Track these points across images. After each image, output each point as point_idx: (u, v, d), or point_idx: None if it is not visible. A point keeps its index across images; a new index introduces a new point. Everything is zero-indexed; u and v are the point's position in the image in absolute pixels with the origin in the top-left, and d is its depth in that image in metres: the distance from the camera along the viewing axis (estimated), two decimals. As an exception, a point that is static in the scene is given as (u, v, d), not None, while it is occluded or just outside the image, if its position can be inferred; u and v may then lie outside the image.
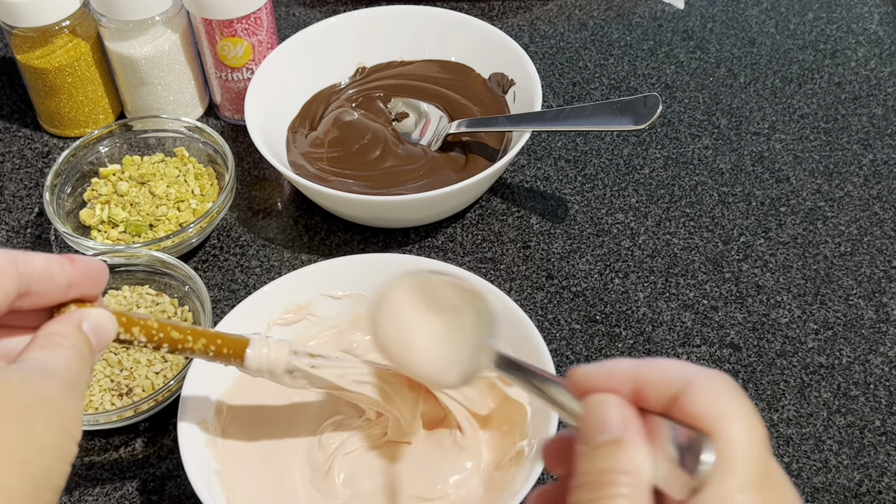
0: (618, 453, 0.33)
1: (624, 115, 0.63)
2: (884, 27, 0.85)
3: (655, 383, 0.34)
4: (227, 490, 0.52)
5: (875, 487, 0.55)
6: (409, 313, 0.48)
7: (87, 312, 0.40)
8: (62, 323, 0.39)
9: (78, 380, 0.38)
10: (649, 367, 0.34)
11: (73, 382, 0.37)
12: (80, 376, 0.38)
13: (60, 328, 0.39)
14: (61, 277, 0.40)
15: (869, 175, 0.72)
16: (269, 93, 0.72)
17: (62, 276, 0.40)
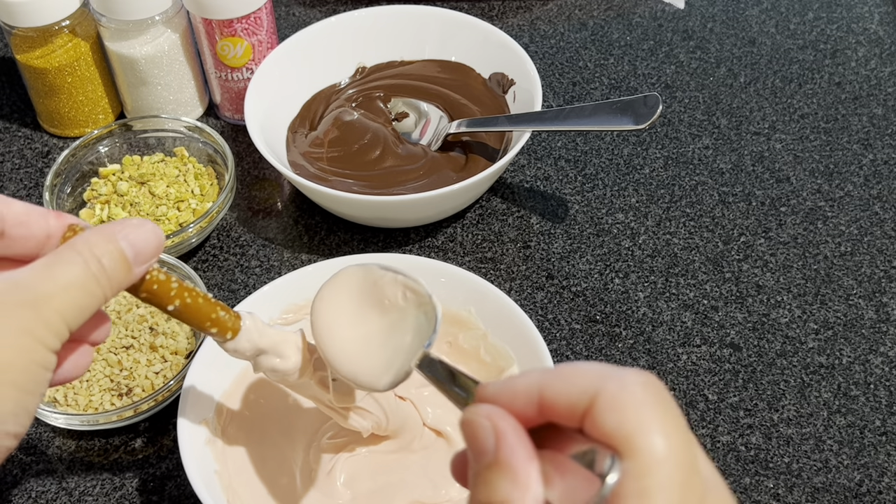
0: (499, 481, 0.30)
1: (624, 115, 0.63)
2: (884, 27, 0.85)
3: (560, 397, 0.30)
4: (227, 490, 0.52)
5: (875, 487, 0.55)
6: (347, 309, 0.45)
7: (125, 223, 0.37)
8: (94, 233, 0.36)
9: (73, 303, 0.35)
10: (555, 378, 0.31)
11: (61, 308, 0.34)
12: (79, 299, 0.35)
13: (89, 236, 0.36)
14: (39, 226, 0.37)
15: (869, 175, 0.72)
16: (269, 93, 0.72)
17: (40, 224, 0.37)
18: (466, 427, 0.31)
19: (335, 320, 0.45)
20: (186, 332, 0.61)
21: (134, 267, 0.37)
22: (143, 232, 0.37)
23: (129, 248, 0.36)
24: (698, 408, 0.59)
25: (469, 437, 0.31)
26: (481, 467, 0.30)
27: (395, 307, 0.44)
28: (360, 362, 0.45)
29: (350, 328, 0.45)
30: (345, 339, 0.45)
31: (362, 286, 0.45)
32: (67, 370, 0.38)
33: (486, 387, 0.33)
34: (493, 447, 0.30)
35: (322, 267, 0.59)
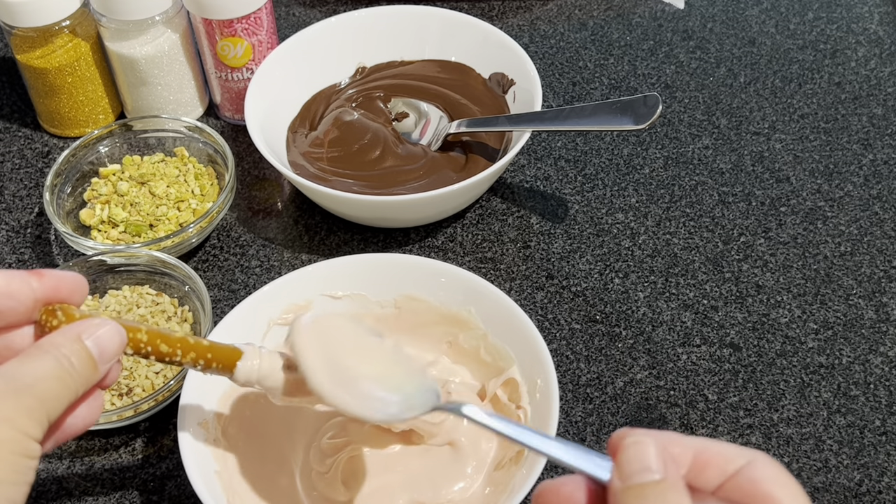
0: (666, 493, 0.33)
1: (624, 115, 0.63)
2: (884, 27, 0.85)
3: (719, 455, 0.35)
4: (228, 490, 0.52)
5: (875, 487, 0.55)
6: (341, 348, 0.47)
7: (90, 324, 0.39)
8: (59, 334, 0.38)
9: (50, 395, 0.36)
10: (709, 442, 0.36)
11: (39, 399, 0.35)
12: (55, 391, 0.36)
13: (55, 338, 0.38)
14: (24, 294, 0.39)
15: (869, 175, 0.72)
16: (269, 93, 0.72)
17: (25, 292, 0.39)
18: (635, 446, 0.35)
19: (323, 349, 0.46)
20: (186, 333, 0.61)
21: (99, 365, 0.39)
22: (106, 331, 0.39)
23: (94, 347, 0.38)
24: (698, 408, 0.59)
25: (635, 455, 0.34)
26: (646, 482, 0.34)
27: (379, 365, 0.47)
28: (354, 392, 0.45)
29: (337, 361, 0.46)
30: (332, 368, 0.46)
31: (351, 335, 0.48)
32: (82, 417, 0.39)
33: (635, 430, 0.36)
34: (662, 467, 0.34)
35: (322, 267, 0.59)
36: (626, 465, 0.34)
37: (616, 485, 0.34)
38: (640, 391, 0.60)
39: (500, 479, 0.52)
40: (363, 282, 0.59)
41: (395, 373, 0.47)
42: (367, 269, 0.59)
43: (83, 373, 0.38)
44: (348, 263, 0.60)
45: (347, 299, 0.60)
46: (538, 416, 0.53)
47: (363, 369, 0.46)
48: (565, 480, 0.36)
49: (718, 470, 0.35)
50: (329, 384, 0.44)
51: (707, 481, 0.35)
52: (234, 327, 0.56)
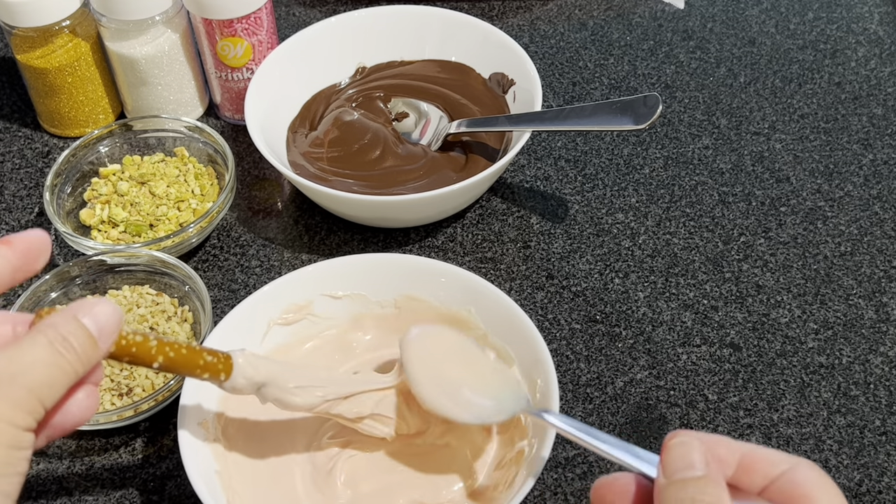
0: (706, 486, 0.36)
1: (624, 115, 0.63)
2: (884, 27, 0.85)
3: (764, 460, 0.38)
4: (228, 490, 0.52)
5: (875, 487, 0.55)
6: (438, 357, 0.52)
7: (85, 302, 0.39)
8: (54, 315, 0.38)
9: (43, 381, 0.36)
10: (756, 447, 0.39)
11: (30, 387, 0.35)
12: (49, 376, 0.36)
13: (50, 319, 0.38)
14: (1, 265, 0.39)
15: (869, 175, 0.72)
16: (269, 93, 0.72)
17: (1, 263, 0.39)
18: (680, 447, 0.38)
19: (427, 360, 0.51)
20: (186, 332, 0.61)
21: (99, 342, 0.38)
22: (103, 308, 0.38)
23: (92, 324, 0.38)
24: (698, 408, 0.59)
25: (680, 454, 0.38)
26: (688, 478, 0.37)
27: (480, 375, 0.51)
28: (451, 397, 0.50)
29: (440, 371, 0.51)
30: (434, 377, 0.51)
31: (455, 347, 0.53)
32: (73, 413, 0.39)
33: (687, 432, 0.39)
34: (704, 465, 0.37)
35: (322, 267, 0.59)
36: (671, 463, 0.37)
37: (661, 481, 0.37)
38: (640, 391, 0.60)
39: (501, 479, 0.52)
40: (363, 282, 0.59)
41: (493, 381, 0.51)
42: (367, 269, 0.59)
43: (84, 351, 0.37)
44: (348, 263, 0.60)
45: (347, 299, 0.60)
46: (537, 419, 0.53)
47: (464, 378, 0.51)
48: (619, 476, 0.40)
49: (763, 473, 0.37)
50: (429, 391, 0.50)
51: (752, 483, 0.38)
52: (234, 327, 0.56)
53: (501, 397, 0.50)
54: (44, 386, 0.36)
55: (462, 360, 0.52)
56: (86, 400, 0.39)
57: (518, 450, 0.53)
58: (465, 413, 0.50)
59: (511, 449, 0.53)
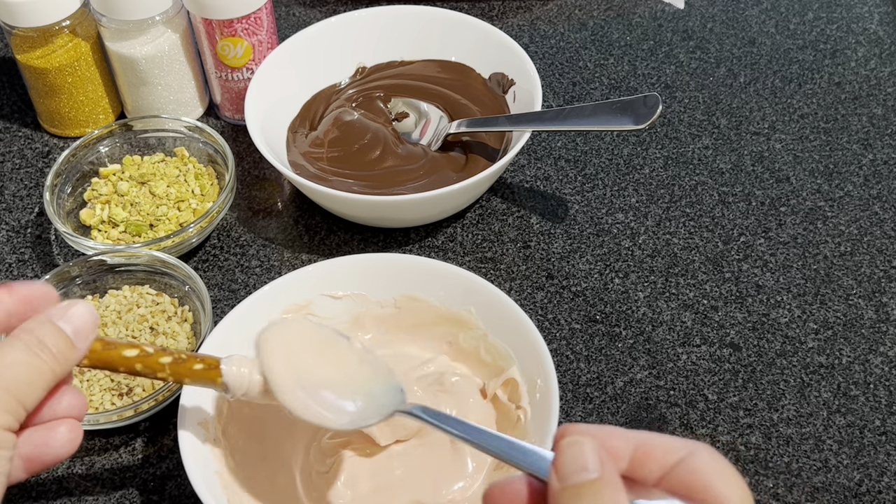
0: (602, 491, 0.34)
1: (624, 115, 0.63)
2: (884, 27, 0.85)
3: (659, 447, 0.36)
4: (228, 490, 0.52)
5: (875, 487, 0.55)
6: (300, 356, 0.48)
7: (59, 306, 0.39)
8: (32, 320, 0.39)
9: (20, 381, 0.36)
10: (652, 434, 0.36)
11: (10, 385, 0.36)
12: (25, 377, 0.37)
13: (26, 324, 0.38)
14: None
15: (869, 175, 0.72)
16: (269, 93, 0.72)
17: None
18: (572, 447, 0.35)
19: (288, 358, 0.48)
20: (186, 332, 0.61)
21: (76, 343, 0.39)
22: (78, 310, 0.40)
23: (68, 326, 0.39)
24: (698, 408, 0.59)
25: (572, 455, 0.35)
26: (583, 482, 0.34)
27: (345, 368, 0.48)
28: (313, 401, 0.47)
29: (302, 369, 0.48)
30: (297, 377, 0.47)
31: (315, 339, 0.49)
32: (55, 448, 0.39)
33: (577, 425, 0.37)
34: (598, 466, 0.34)
35: (322, 267, 0.59)
36: (563, 466, 0.35)
37: (554, 485, 0.35)
38: (640, 391, 0.60)
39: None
40: (363, 282, 0.59)
41: (361, 374, 0.48)
42: (367, 269, 0.59)
43: (60, 352, 0.38)
44: (348, 263, 0.60)
45: (347, 299, 0.60)
46: (538, 416, 0.53)
47: (325, 375, 0.48)
48: (512, 480, 0.37)
49: (659, 462, 0.35)
50: (290, 395, 0.46)
51: (649, 473, 0.36)
52: (234, 327, 0.56)
53: (374, 392, 0.48)
54: (22, 385, 0.36)
55: (326, 356, 0.49)
56: (68, 434, 0.40)
57: None
58: (325, 419, 0.47)
59: None
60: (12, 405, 0.36)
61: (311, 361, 0.48)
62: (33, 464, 0.39)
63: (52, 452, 0.39)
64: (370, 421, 0.47)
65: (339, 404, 0.47)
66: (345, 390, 0.48)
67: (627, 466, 0.36)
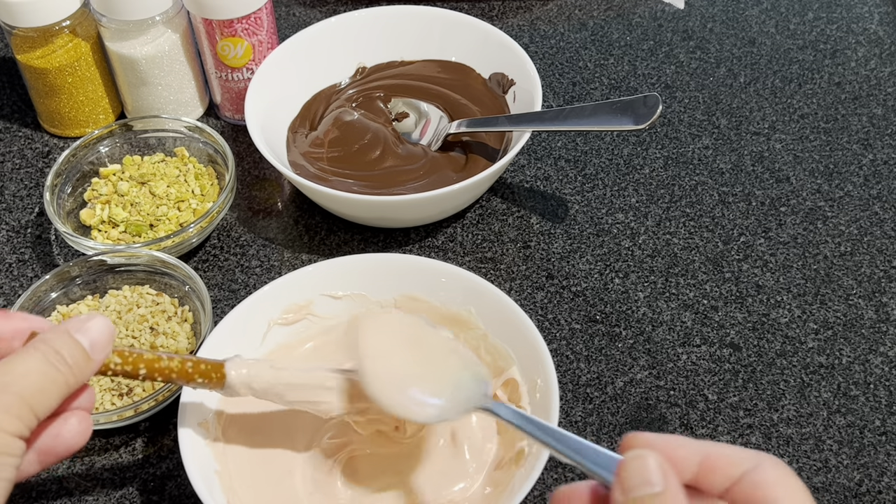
0: (665, 503, 0.34)
1: (624, 115, 0.63)
2: (884, 27, 0.85)
3: (724, 458, 0.36)
4: (228, 490, 0.52)
5: (875, 487, 0.55)
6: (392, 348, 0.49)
7: (77, 319, 0.40)
8: (50, 331, 0.39)
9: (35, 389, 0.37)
10: (718, 444, 0.37)
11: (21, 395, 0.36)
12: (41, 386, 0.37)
13: (46, 335, 0.39)
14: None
15: (869, 175, 0.72)
16: (269, 93, 0.72)
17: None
18: (636, 460, 0.36)
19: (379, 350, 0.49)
20: (187, 332, 0.61)
21: (92, 356, 0.40)
22: (95, 324, 0.40)
23: (84, 339, 0.40)
24: (698, 408, 0.59)
25: (636, 468, 0.36)
26: (646, 495, 0.35)
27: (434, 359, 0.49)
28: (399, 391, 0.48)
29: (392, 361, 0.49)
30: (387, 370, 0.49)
31: (406, 331, 0.50)
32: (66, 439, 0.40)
33: (643, 434, 0.37)
34: (661, 480, 0.35)
35: (322, 267, 0.59)
36: (627, 479, 0.35)
37: (618, 498, 0.35)
38: (640, 391, 0.60)
39: (501, 479, 0.52)
40: (363, 282, 0.59)
41: (450, 364, 0.49)
42: (367, 269, 0.59)
43: (77, 364, 0.39)
44: (348, 263, 0.60)
45: (347, 299, 0.60)
46: (538, 415, 0.53)
47: (414, 367, 0.49)
48: (580, 485, 0.38)
49: (725, 473, 0.36)
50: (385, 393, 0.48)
51: (714, 484, 0.36)
52: (234, 327, 0.56)
53: (461, 383, 0.48)
54: (36, 394, 0.37)
55: (417, 348, 0.50)
56: (78, 426, 0.40)
57: (518, 450, 0.53)
58: (422, 413, 0.48)
59: (511, 449, 0.53)
60: (24, 413, 0.36)
61: (401, 353, 0.49)
62: (47, 456, 0.40)
63: (64, 444, 0.40)
64: (452, 416, 0.48)
65: (425, 399, 0.48)
66: (433, 382, 0.49)
67: (693, 477, 0.37)
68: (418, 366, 0.49)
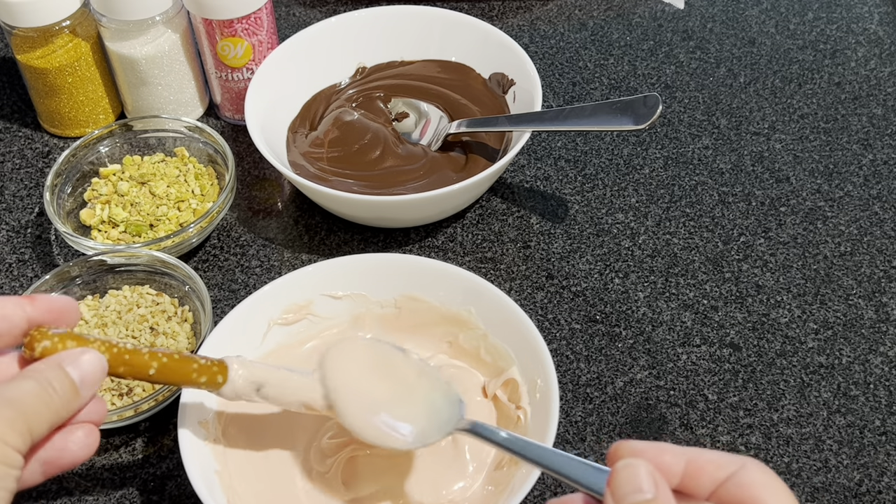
0: None
1: (624, 115, 0.63)
2: (884, 27, 0.85)
3: (711, 462, 0.37)
4: (228, 489, 0.52)
5: (875, 487, 0.55)
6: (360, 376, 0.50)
7: (71, 353, 0.41)
8: (43, 362, 0.40)
9: (32, 412, 0.38)
10: (702, 450, 0.38)
11: (21, 414, 0.37)
12: (36, 409, 0.38)
13: (38, 365, 0.40)
14: (17, 316, 0.40)
15: (869, 175, 0.72)
16: (269, 93, 0.72)
17: (18, 314, 0.40)
18: (627, 469, 0.37)
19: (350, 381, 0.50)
20: (187, 332, 0.61)
21: (81, 390, 0.40)
22: (87, 359, 0.41)
23: (74, 372, 0.40)
24: (698, 408, 0.59)
25: (626, 477, 0.37)
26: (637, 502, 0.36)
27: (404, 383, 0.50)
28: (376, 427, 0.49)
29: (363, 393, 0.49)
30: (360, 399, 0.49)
31: (374, 358, 0.51)
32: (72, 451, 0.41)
33: (630, 443, 0.38)
34: (652, 487, 0.36)
35: (322, 267, 0.59)
36: (619, 488, 0.37)
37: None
38: (640, 391, 0.60)
39: (501, 479, 0.52)
40: (363, 282, 0.59)
41: (421, 387, 0.50)
42: (367, 269, 0.59)
43: (65, 396, 0.39)
44: (348, 263, 0.60)
45: (348, 299, 0.60)
46: (538, 416, 0.53)
47: (387, 393, 0.50)
48: (571, 498, 0.39)
49: (711, 476, 0.37)
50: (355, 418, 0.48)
51: (700, 488, 0.37)
52: (234, 327, 0.56)
53: (435, 404, 0.49)
54: (33, 415, 0.38)
55: (386, 372, 0.51)
56: (85, 439, 0.41)
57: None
58: (401, 440, 0.48)
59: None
60: (24, 430, 0.37)
61: (372, 381, 0.50)
62: (51, 467, 0.40)
63: (68, 456, 0.40)
64: (432, 440, 0.49)
65: (399, 426, 0.49)
66: (407, 406, 0.49)
67: (679, 481, 0.37)
68: (389, 391, 0.50)
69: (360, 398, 0.49)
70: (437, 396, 0.50)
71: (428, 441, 0.49)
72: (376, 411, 0.49)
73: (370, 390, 0.49)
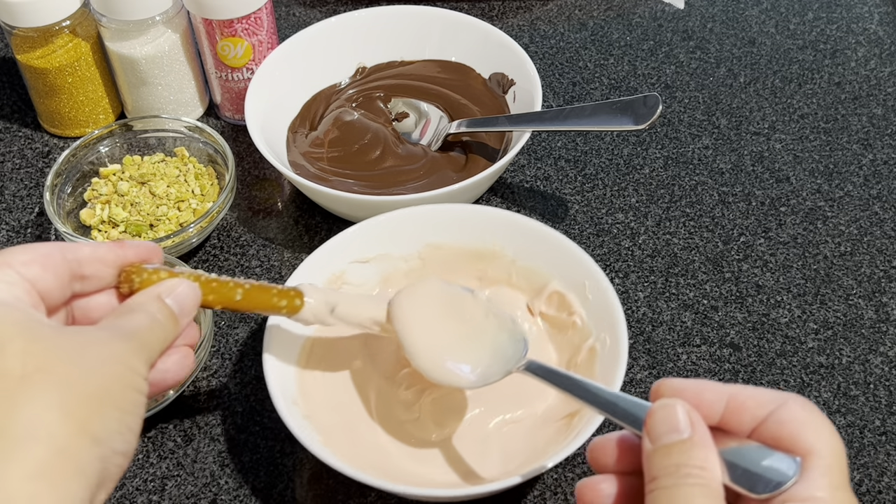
0: (691, 451, 0.36)
1: (624, 115, 0.63)
2: (884, 27, 0.85)
3: (751, 399, 0.37)
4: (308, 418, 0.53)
5: (875, 487, 0.55)
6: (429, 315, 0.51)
7: (167, 284, 0.43)
8: (143, 294, 0.43)
9: (148, 342, 0.40)
10: (744, 387, 0.38)
11: (142, 344, 0.40)
12: (151, 339, 0.41)
13: (140, 298, 0.42)
14: (112, 257, 0.43)
15: (869, 175, 0.72)
16: (269, 93, 0.72)
17: (112, 256, 0.43)
18: (664, 409, 0.37)
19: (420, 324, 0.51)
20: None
21: (180, 319, 0.43)
22: (183, 289, 0.44)
23: (174, 304, 0.43)
24: (698, 408, 0.59)
25: (663, 417, 0.37)
26: (671, 441, 0.36)
27: (473, 323, 0.52)
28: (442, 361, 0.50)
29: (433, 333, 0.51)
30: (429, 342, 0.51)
31: (443, 299, 0.52)
32: (172, 371, 0.43)
33: (671, 381, 0.39)
34: (688, 427, 0.36)
35: (344, 237, 0.60)
36: (655, 428, 0.37)
37: (647, 446, 0.37)
38: (640, 391, 0.60)
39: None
40: (386, 241, 0.61)
41: (489, 326, 0.51)
42: (387, 230, 0.60)
43: (167, 325, 0.42)
44: (368, 227, 0.60)
45: (374, 261, 0.61)
46: (599, 315, 0.55)
47: (455, 333, 0.51)
48: (614, 435, 0.40)
49: (752, 414, 0.37)
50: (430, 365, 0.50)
51: (741, 424, 0.37)
52: None
53: (500, 343, 0.51)
54: (151, 343, 0.41)
55: (455, 313, 0.52)
56: (183, 360, 0.44)
57: (588, 348, 0.55)
58: (465, 379, 0.50)
59: (577, 353, 0.56)
60: (146, 358, 0.40)
61: (441, 321, 0.51)
62: (155, 388, 0.43)
63: (171, 377, 0.43)
64: (493, 379, 0.50)
65: (464, 367, 0.50)
66: (472, 348, 0.51)
67: (720, 419, 0.38)
68: (457, 333, 0.51)
69: (428, 340, 0.51)
70: (503, 337, 0.51)
71: (489, 381, 0.50)
72: (444, 353, 0.50)
73: (438, 332, 0.51)
